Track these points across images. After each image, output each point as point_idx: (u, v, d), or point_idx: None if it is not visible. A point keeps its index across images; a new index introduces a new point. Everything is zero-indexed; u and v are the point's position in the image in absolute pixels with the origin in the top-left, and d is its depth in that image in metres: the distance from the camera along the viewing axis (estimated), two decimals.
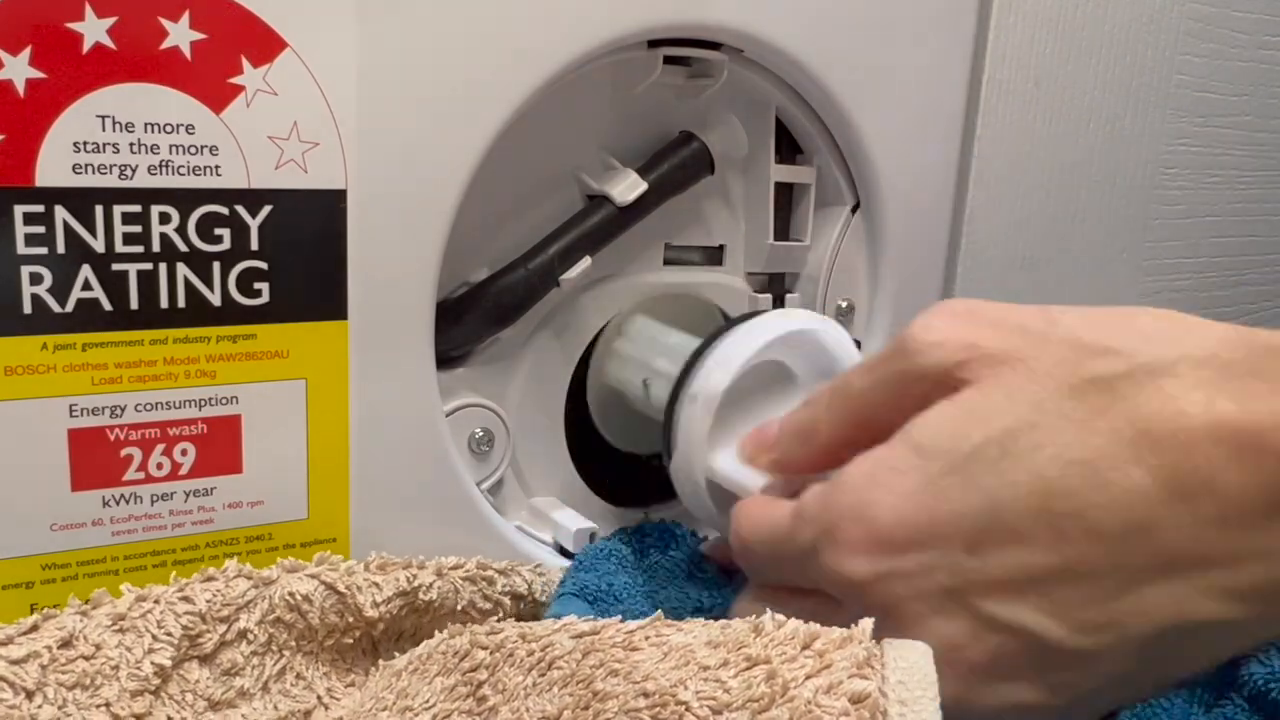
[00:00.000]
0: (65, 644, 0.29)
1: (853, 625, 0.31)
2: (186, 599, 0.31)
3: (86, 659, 0.29)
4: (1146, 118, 0.54)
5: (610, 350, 0.42)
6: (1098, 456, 0.23)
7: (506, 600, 0.36)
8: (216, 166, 0.32)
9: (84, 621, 0.30)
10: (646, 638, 0.32)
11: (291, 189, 0.33)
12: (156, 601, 0.31)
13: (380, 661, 0.34)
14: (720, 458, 0.35)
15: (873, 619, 0.31)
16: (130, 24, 0.30)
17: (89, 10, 0.29)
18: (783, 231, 0.46)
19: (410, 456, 0.37)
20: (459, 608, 0.35)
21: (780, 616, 0.32)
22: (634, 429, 0.44)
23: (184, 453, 0.33)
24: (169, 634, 0.30)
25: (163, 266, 0.32)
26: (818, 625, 0.31)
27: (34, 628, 0.29)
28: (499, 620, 0.35)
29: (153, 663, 0.30)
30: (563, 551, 0.40)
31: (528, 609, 0.36)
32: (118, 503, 0.33)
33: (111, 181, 0.31)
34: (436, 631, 0.33)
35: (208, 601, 0.31)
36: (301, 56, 0.32)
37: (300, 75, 0.32)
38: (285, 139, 0.32)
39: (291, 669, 0.33)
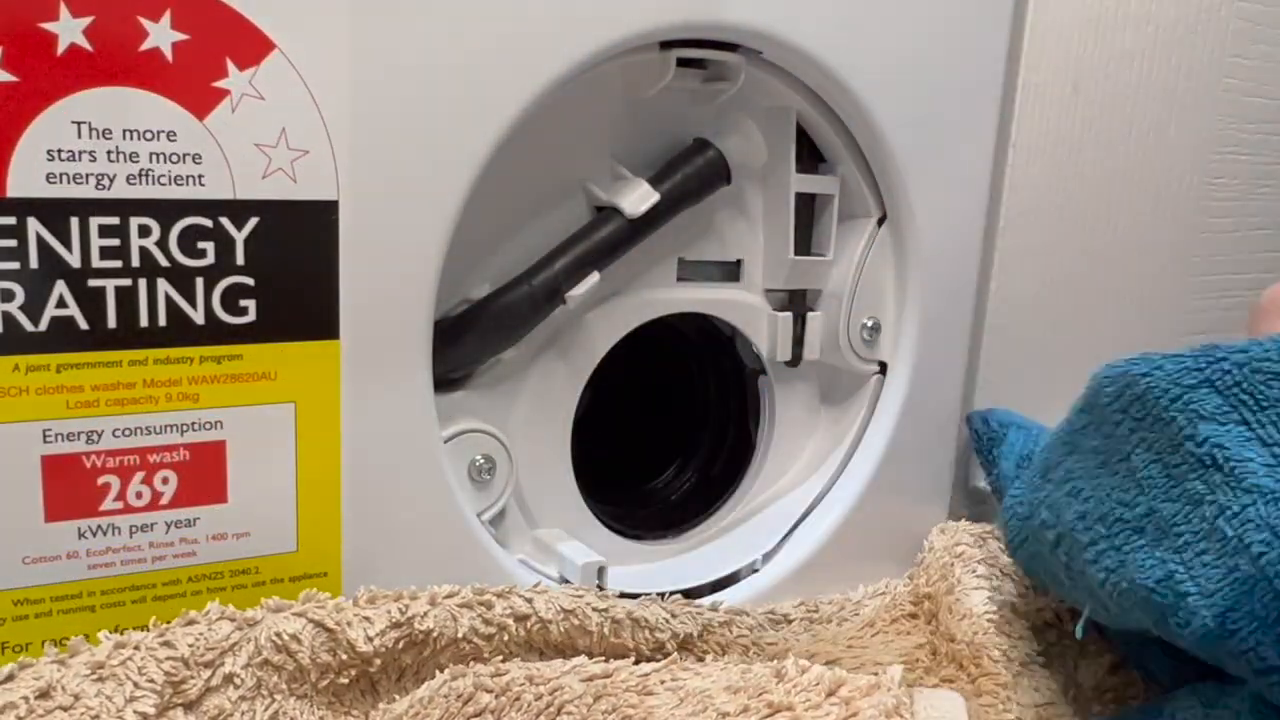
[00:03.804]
0: (43, 694, 0.29)
1: (880, 673, 0.30)
2: (168, 644, 0.31)
3: (65, 709, 0.28)
4: (1193, 124, 0.53)
5: None
6: None
7: (510, 623, 0.35)
8: (200, 176, 0.31)
9: (61, 671, 0.29)
10: (661, 681, 0.32)
11: (280, 200, 0.32)
12: (136, 648, 0.30)
13: (381, 705, 0.33)
14: None
15: (901, 667, 0.30)
16: (108, 24, 0.29)
17: (64, 9, 0.29)
18: (804, 245, 0.45)
19: (406, 485, 0.36)
20: (459, 635, 0.34)
21: (804, 662, 0.30)
22: None
23: (165, 481, 0.32)
24: (151, 681, 0.30)
25: (142, 282, 0.31)
26: (843, 672, 0.29)
27: (9, 677, 0.29)
28: (504, 643, 0.35)
29: (135, 711, 0.29)
30: None
31: (536, 630, 0.35)
32: (94, 534, 0.32)
33: (88, 192, 0.30)
34: (438, 670, 0.33)
35: (190, 646, 0.31)
36: (290, 58, 0.31)
37: (289, 79, 0.31)
38: (273, 147, 0.32)
39: (284, 714, 0.32)
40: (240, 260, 0.32)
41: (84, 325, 0.30)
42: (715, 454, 0.48)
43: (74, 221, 0.30)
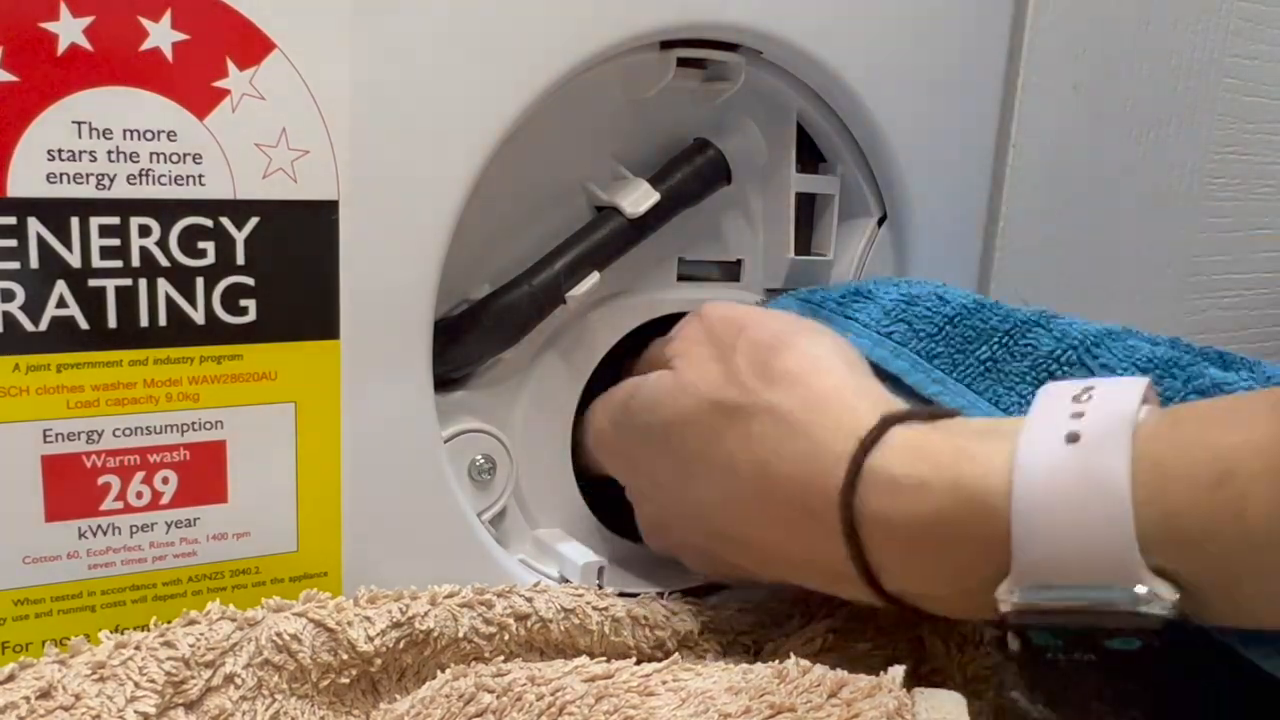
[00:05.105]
0: (44, 694, 0.28)
1: (882, 674, 0.29)
2: (168, 644, 0.30)
3: (66, 709, 0.28)
4: (1192, 124, 0.53)
5: None
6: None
7: (511, 622, 0.35)
8: (200, 176, 0.31)
9: (62, 671, 0.29)
10: (663, 682, 0.32)
11: (280, 200, 0.32)
12: (137, 648, 0.30)
13: (382, 705, 0.33)
14: None
15: (903, 667, 0.30)
16: (108, 24, 0.29)
17: (64, 9, 0.29)
18: (804, 245, 0.45)
19: (406, 485, 0.36)
20: (460, 635, 0.34)
21: (805, 663, 0.30)
22: None
23: (165, 481, 0.32)
24: (152, 681, 0.30)
25: (143, 282, 0.31)
26: (845, 673, 0.29)
27: (10, 678, 0.29)
28: (505, 642, 0.34)
29: (136, 711, 0.29)
30: None
31: (537, 629, 0.35)
32: (94, 534, 0.32)
33: (88, 192, 0.30)
34: (439, 670, 0.33)
35: (191, 646, 0.30)
36: (291, 58, 0.31)
37: (289, 78, 0.31)
38: (273, 146, 0.32)
39: (285, 714, 0.32)
40: (240, 260, 0.32)
41: (84, 325, 0.30)
42: None
43: (74, 221, 0.30)
